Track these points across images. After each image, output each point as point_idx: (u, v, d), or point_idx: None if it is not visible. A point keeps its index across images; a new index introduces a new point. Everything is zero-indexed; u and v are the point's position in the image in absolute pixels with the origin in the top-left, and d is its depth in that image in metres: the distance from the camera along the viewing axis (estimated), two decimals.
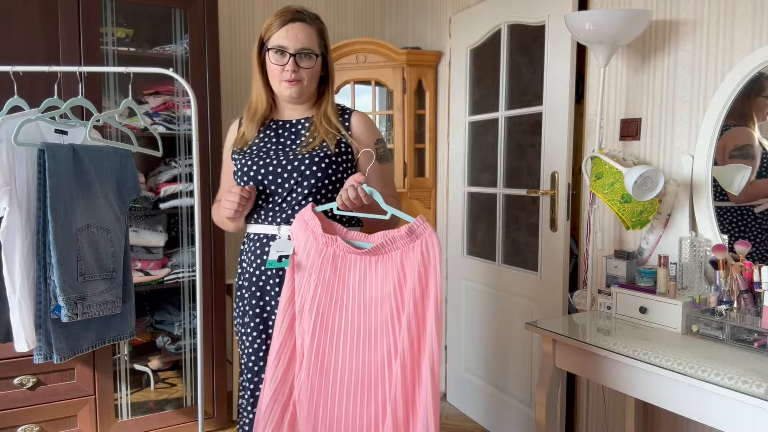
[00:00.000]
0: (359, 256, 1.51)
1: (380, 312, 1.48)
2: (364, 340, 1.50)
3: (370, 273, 1.50)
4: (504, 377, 2.89)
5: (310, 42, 1.67)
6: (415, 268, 1.44)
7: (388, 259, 1.48)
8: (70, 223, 1.84)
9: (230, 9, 3.23)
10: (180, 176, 2.70)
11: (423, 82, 3.24)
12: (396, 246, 1.47)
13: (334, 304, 1.53)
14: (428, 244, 1.44)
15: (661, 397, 1.61)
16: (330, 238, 1.53)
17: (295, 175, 1.68)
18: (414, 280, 1.44)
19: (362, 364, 1.50)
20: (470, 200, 3.16)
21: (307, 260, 1.56)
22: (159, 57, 2.68)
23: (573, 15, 2.06)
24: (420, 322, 1.43)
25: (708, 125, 1.94)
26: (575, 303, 2.27)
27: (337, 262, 1.53)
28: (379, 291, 1.49)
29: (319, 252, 1.54)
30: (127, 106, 1.98)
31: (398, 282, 1.47)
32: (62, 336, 1.90)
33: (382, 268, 1.49)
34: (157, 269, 2.68)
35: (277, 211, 1.71)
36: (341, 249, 1.53)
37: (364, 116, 1.78)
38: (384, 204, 1.55)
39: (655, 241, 2.08)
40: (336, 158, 1.69)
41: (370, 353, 1.49)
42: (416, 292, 1.44)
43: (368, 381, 1.49)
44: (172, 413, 2.73)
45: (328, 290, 1.54)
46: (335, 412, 1.52)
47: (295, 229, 1.59)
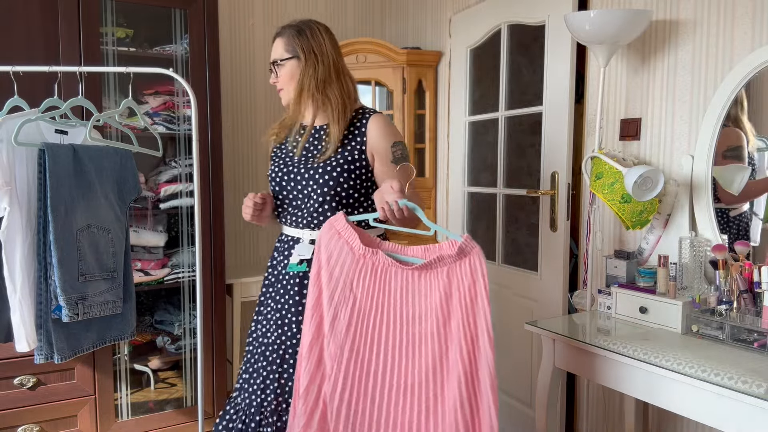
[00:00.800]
0: (403, 270, 1.52)
1: (425, 324, 1.50)
2: (407, 351, 1.51)
3: (414, 286, 1.52)
4: (504, 377, 2.89)
5: (277, 53, 1.83)
6: (465, 284, 1.46)
7: (433, 274, 1.50)
8: (70, 223, 1.84)
9: (230, 9, 3.23)
10: (180, 176, 2.70)
11: (423, 82, 3.24)
12: (444, 263, 1.49)
13: (375, 316, 1.54)
14: (477, 262, 1.46)
15: (661, 397, 1.61)
16: (370, 251, 1.54)
17: (312, 183, 1.75)
18: (463, 295, 1.46)
19: (404, 374, 1.50)
20: (470, 200, 3.16)
21: (341, 270, 1.56)
22: (159, 57, 2.68)
23: (573, 15, 2.06)
24: (473, 333, 1.45)
25: (708, 125, 1.94)
26: (575, 303, 2.27)
27: (377, 275, 1.55)
28: (423, 304, 1.50)
29: (356, 262, 1.56)
30: (127, 106, 1.98)
31: (445, 296, 1.48)
32: (63, 336, 1.90)
33: (426, 282, 1.51)
34: (157, 269, 2.67)
35: (298, 215, 1.80)
36: (382, 262, 1.54)
37: (380, 120, 1.79)
38: (426, 219, 1.58)
39: (655, 241, 2.08)
40: (348, 167, 1.74)
41: (413, 363, 1.50)
42: (466, 305, 1.46)
43: (410, 389, 1.50)
44: (172, 413, 2.73)
45: (369, 302, 1.54)
46: (373, 418, 1.52)
47: (325, 238, 1.59)
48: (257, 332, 1.87)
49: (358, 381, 1.54)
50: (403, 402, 1.50)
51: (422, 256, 1.52)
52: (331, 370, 1.55)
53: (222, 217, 2.74)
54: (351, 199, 1.76)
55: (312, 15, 3.45)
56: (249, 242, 3.39)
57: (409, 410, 1.49)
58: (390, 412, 1.51)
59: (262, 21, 3.32)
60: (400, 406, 1.50)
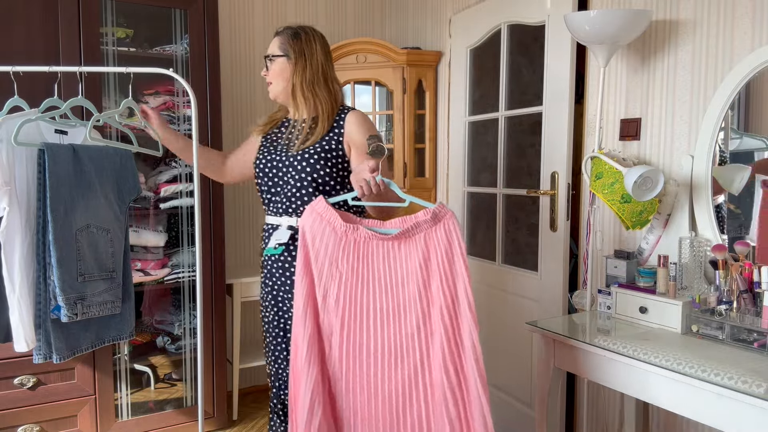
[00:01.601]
0: (383, 241, 1.63)
1: (407, 289, 1.61)
2: (393, 315, 1.62)
3: (394, 254, 1.63)
4: (504, 377, 2.89)
5: (271, 49, 1.97)
6: (441, 247, 1.58)
7: (411, 241, 1.61)
8: (70, 223, 1.84)
9: (230, 9, 3.23)
10: (180, 176, 2.70)
11: (423, 82, 3.24)
12: (420, 229, 1.60)
13: (361, 287, 1.65)
14: (450, 225, 1.58)
15: (661, 397, 1.61)
16: (351, 227, 1.64)
17: (290, 169, 1.90)
18: (440, 258, 1.57)
19: (392, 338, 1.62)
20: (470, 200, 3.16)
21: (326, 251, 1.66)
22: (159, 57, 2.68)
23: (573, 15, 2.06)
24: (453, 294, 1.56)
25: (708, 125, 1.94)
26: (575, 303, 2.27)
27: (359, 248, 1.65)
28: (404, 269, 1.62)
29: (339, 241, 1.66)
30: (127, 106, 1.98)
31: (423, 261, 1.59)
32: (62, 336, 1.90)
33: (405, 248, 1.62)
34: (157, 269, 2.67)
35: (278, 202, 1.95)
36: (363, 236, 1.64)
37: (357, 115, 1.94)
38: (401, 192, 1.70)
39: (655, 241, 2.08)
40: (325, 155, 1.88)
41: (399, 327, 1.61)
42: (444, 268, 1.57)
43: (399, 350, 1.61)
44: (172, 413, 2.73)
45: (354, 275, 1.65)
46: (370, 381, 1.64)
47: (308, 222, 1.69)
48: (265, 319, 2.06)
49: (350, 355, 1.65)
50: (394, 363, 1.61)
51: (400, 226, 1.62)
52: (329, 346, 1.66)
53: (222, 217, 2.74)
54: (327, 186, 1.90)
55: (312, 15, 3.46)
56: (249, 242, 3.39)
57: (400, 372, 1.61)
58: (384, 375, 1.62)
59: (262, 21, 3.32)
60: (392, 368, 1.62)
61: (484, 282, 3.00)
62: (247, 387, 3.40)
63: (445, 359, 1.54)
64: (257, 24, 3.30)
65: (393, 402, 1.62)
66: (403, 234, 1.60)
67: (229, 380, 3.03)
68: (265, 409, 3.15)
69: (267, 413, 3.07)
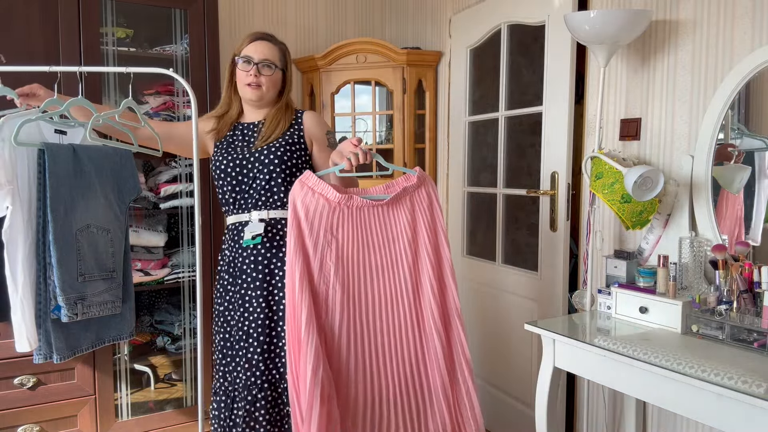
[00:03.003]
0: (374, 207, 1.84)
1: (398, 243, 1.85)
2: (387, 267, 1.84)
3: (385, 216, 1.85)
4: (504, 377, 2.89)
5: (271, 56, 2.02)
6: (424, 206, 1.86)
7: (400, 204, 1.86)
8: (70, 223, 1.84)
9: (230, 9, 3.23)
10: (180, 176, 2.70)
11: (423, 82, 3.24)
12: (407, 192, 1.86)
13: (358, 249, 1.82)
14: (430, 187, 1.89)
15: (661, 397, 1.61)
16: (345, 197, 1.81)
17: (257, 164, 1.99)
18: (423, 215, 1.86)
19: (388, 284, 1.84)
20: (470, 200, 3.16)
21: (320, 220, 1.80)
22: (159, 57, 2.68)
23: (573, 15, 2.06)
24: (435, 242, 1.86)
25: (708, 125, 1.94)
26: (575, 303, 2.27)
27: (353, 216, 1.82)
28: (394, 228, 1.85)
29: (333, 211, 1.81)
30: (127, 106, 1.98)
31: (411, 220, 1.85)
32: (62, 336, 1.90)
33: (395, 210, 1.86)
34: (157, 269, 2.67)
35: (246, 198, 2.02)
36: (357, 204, 1.82)
37: (313, 114, 2.11)
38: (384, 161, 1.87)
39: (655, 241, 2.08)
40: (290, 147, 2.01)
41: (393, 280, 1.84)
42: (427, 223, 1.85)
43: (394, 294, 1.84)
44: (172, 413, 2.73)
45: (350, 239, 1.81)
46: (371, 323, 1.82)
47: (299, 195, 1.80)
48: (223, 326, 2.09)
49: (353, 313, 1.81)
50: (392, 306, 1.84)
51: (385, 191, 1.85)
52: (326, 310, 1.79)
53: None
54: (299, 171, 2.01)
55: (312, 15, 3.46)
56: None
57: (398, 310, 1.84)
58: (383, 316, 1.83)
59: (262, 21, 3.32)
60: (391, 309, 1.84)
61: (484, 282, 3.00)
62: None
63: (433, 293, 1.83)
64: (257, 24, 3.30)
65: (392, 336, 1.83)
66: (394, 199, 1.85)
67: None
68: None
69: None
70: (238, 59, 2.02)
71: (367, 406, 1.81)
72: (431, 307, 1.83)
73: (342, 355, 1.80)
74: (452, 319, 1.87)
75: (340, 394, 1.79)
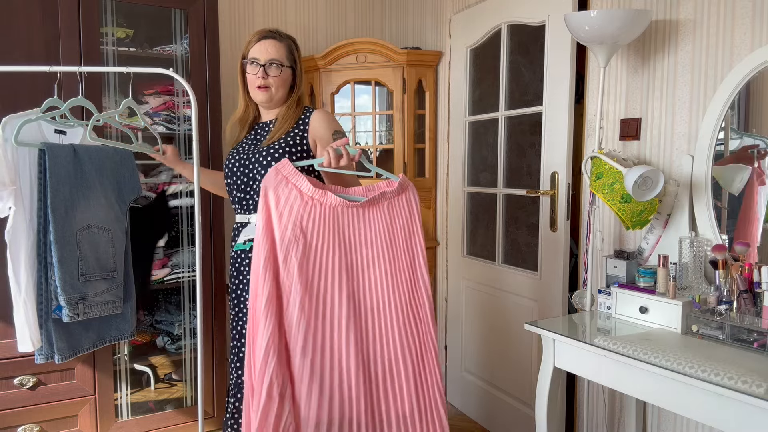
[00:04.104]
0: (348, 207, 1.74)
1: (371, 252, 1.75)
2: (356, 277, 1.75)
3: (361, 220, 1.75)
4: (504, 377, 2.89)
5: (278, 55, 1.96)
6: (403, 215, 1.77)
7: (376, 209, 1.76)
8: (70, 223, 1.84)
9: (230, 9, 3.23)
10: (180, 176, 2.70)
11: (423, 82, 3.24)
12: (385, 198, 1.77)
13: (327, 249, 1.72)
14: (411, 196, 1.79)
15: (661, 397, 1.61)
16: (319, 191, 1.72)
17: (257, 166, 1.94)
18: (401, 224, 1.77)
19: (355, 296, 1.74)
20: (470, 200, 3.16)
21: (290, 212, 1.71)
22: (159, 57, 2.68)
23: (573, 15, 2.06)
24: (411, 255, 1.78)
25: (708, 125, 1.94)
26: (575, 303, 2.27)
27: (325, 213, 1.73)
28: (369, 235, 1.75)
29: (305, 204, 1.72)
30: (128, 106, 1.98)
31: (387, 227, 1.76)
32: (63, 336, 1.90)
33: (370, 216, 1.76)
34: (157, 269, 2.67)
35: (247, 200, 1.98)
36: (331, 201, 1.73)
37: (321, 113, 2.00)
38: (366, 162, 1.81)
39: (655, 241, 2.08)
40: (291, 149, 1.92)
41: (363, 287, 1.75)
42: (405, 233, 1.77)
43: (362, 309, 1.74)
44: (172, 413, 2.73)
45: (319, 237, 1.72)
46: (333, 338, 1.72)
47: (272, 183, 1.73)
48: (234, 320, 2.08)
49: (315, 308, 1.71)
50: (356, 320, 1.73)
51: (365, 194, 1.76)
52: (287, 304, 1.70)
53: (222, 217, 2.74)
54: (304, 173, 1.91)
55: (312, 15, 3.46)
56: None
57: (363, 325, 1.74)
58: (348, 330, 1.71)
59: (263, 21, 3.32)
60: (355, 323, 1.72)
61: (484, 282, 3.00)
62: None
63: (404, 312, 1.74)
64: (257, 24, 3.30)
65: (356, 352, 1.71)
66: (370, 202, 1.75)
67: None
68: None
69: None
70: (246, 61, 2.00)
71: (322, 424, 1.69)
72: (403, 329, 1.73)
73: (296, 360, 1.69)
74: (426, 344, 1.76)
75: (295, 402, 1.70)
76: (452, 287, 3.27)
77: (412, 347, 1.75)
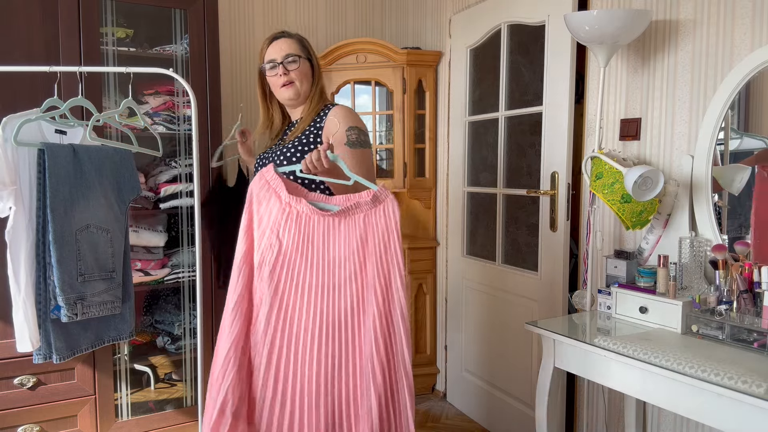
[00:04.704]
0: (323, 217, 1.65)
1: (344, 268, 1.64)
2: (327, 293, 1.64)
3: (334, 232, 1.65)
4: (504, 377, 2.89)
5: (292, 49, 1.96)
6: (379, 230, 1.62)
7: (351, 220, 1.65)
8: (69, 223, 1.84)
9: (230, 9, 3.22)
10: (180, 176, 2.69)
11: (423, 82, 3.24)
12: (360, 209, 1.64)
13: (299, 260, 1.65)
14: (390, 209, 1.63)
15: (661, 397, 1.61)
16: (295, 199, 1.66)
17: (276, 164, 1.91)
18: (377, 240, 1.62)
19: (325, 314, 1.63)
20: (470, 200, 3.16)
21: (269, 218, 1.67)
22: (159, 57, 2.68)
23: (573, 15, 2.06)
24: (386, 274, 1.61)
25: (708, 125, 1.94)
26: (575, 303, 2.27)
27: (301, 222, 1.66)
28: (342, 249, 1.64)
29: (282, 211, 1.66)
30: (127, 106, 1.98)
31: (361, 241, 1.63)
32: (62, 336, 1.90)
33: (345, 228, 1.65)
34: (157, 269, 2.67)
35: None
36: (305, 210, 1.65)
37: (339, 109, 1.95)
38: (347, 170, 1.70)
39: (655, 241, 2.08)
40: (304, 147, 1.90)
41: (334, 304, 1.63)
42: (380, 250, 1.62)
43: (331, 329, 1.63)
44: (172, 413, 2.73)
45: (293, 247, 1.65)
46: (298, 355, 1.64)
47: (256, 187, 1.71)
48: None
49: (282, 323, 1.64)
50: (325, 340, 1.62)
51: (341, 204, 1.66)
52: (256, 315, 1.65)
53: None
54: (306, 180, 1.88)
55: (312, 15, 3.46)
56: None
57: (331, 347, 1.63)
58: (313, 350, 1.63)
59: (262, 21, 3.32)
60: (322, 344, 1.63)
61: (484, 282, 3.00)
62: None
63: (376, 337, 1.58)
64: (257, 24, 3.30)
65: (321, 376, 1.62)
66: (343, 212, 1.64)
67: None
68: None
69: None
70: (264, 66, 1.99)
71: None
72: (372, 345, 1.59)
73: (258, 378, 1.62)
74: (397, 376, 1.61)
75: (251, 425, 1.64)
76: (452, 287, 3.27)
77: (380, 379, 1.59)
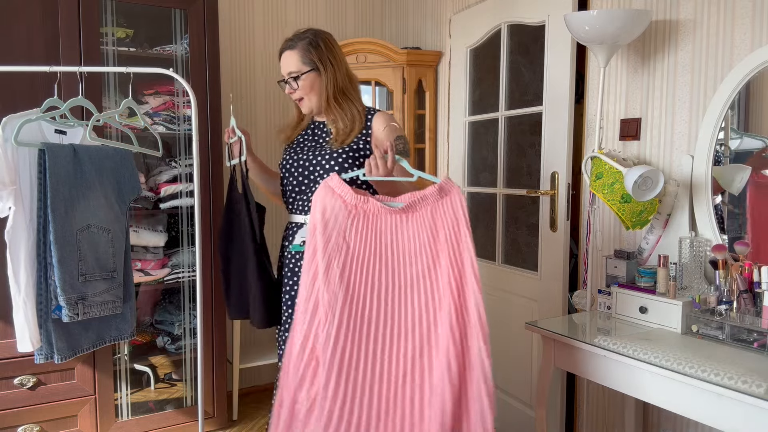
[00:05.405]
0: (391, 214, 1.66)
1: (416, 264, 1.64)
2: (400, 292, 1.64)
3: (403, 228, 1.66)
4: (504, 377, 2.89)
5: (292, 65, 1.93)
6: (448, 220, 1.62)
7: (419, 215, 1.65)
8: (70, 223, 1.84)
9: (230, 9, 3.23)
10: (180, 176, 2.70)
11: (423, 82, 3.24)
12: (426, 203, 1.65)
13: (371, 260, 1.66)
14: (457, 199, 1.63)
15: (661, 397, 1.61)
16: (362, 199, 1.67)
17: (319, 169, 1.91)
18: (448, 230, 1.62)
19: (399, 315, 1.63)
20: (470, 200, 3.16)
21: (335, 222, 1.68)
22: (159, 57, 2.68)
23: (573, 15, 2.06)
24: (460, 267, 1.60)
25: (708, 125, 1.94)
26: (575, 303, 2.27)
27: (368, 221, 1.67)
28: (413, 244, 1.65)
29: (349, 214, 1.68)
30: (127, 106, 1.98)
31: (431, 234, 1.64)
32: (63, 336, 1.90)
33: (414, 223, 1.65)
34: (157, 269, 2.67)
35: (304, 201, 1.95)
36: (372, 208, 1.67)
37: (384, 116, 1.95)
38: (410, 168, 1.73)
39: (654, 241, 2.08)
40: (355, 153, 1.90)
41: (407, 301, 1.63)
42: (452, 241, 1.61)
43: (405, 325, 1.62)
44: (172, 413, 2.73)
45: (363, 247, 1.66)
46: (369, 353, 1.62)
47: (320, 195, 1.71)
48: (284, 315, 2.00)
49: (353, 327, 1.63)
50: (398, 343, 1.61)
51: (408, 200, 1.66)
52: (326, 319, 1.63)
53: (221, 216, 2.73)
54: (354, 185, 1.88)
55: (312, 15, 3.46)
56: None
57: (404, 349, 1.61)
58: (385, 353, 1.61)
59: (262, 21, 3.32)
60: (395, 347, 1.61)
61: (484, 282, 3.00)
62: (247, 387, 3.40)
63: (453, 331, 1.56)
64: (257, 24, 3.30)
65: (393, 375, 1.60)
66: (410, 207, 1.65)
67: (229, 380, 3.03)
68: (265, 409, 3.15)
69: (266, 413, 3.06)
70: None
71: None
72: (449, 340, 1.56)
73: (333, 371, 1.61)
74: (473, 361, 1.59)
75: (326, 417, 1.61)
76: None
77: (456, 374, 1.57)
